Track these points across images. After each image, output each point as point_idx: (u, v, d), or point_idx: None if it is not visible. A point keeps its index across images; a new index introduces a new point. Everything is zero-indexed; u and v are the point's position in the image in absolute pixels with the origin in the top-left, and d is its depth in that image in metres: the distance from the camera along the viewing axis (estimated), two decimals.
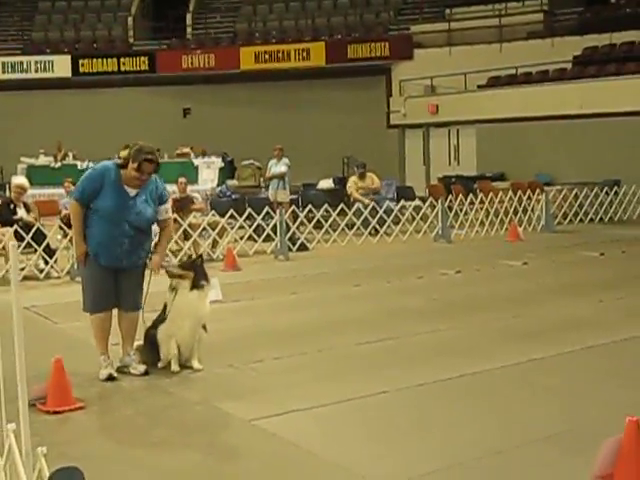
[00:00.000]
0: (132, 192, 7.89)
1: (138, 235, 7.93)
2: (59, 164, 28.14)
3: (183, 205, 16.98)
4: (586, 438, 5.88)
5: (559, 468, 5.49)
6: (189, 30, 38.23)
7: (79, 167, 26.96)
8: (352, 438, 6.25)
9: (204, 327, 8.24)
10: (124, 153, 24.86)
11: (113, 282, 8.00)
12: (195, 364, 8.10)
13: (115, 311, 8.16)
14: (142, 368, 8.05)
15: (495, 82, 30.02)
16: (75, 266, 14.55)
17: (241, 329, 10.04)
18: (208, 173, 26.25)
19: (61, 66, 35.13)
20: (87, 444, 6.00)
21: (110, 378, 7.85)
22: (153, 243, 8.32)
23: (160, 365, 8.20)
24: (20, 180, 16.17)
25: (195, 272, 8.11)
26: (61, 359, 6.89)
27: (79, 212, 7.87)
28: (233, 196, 21.67)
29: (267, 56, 34.14)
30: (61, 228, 15.79)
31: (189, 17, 38.18)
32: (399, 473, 5.50)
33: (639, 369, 8.01)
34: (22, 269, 14.05)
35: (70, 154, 29.19)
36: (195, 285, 8.06)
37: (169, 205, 8.43)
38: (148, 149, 7.85)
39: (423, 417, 6.71)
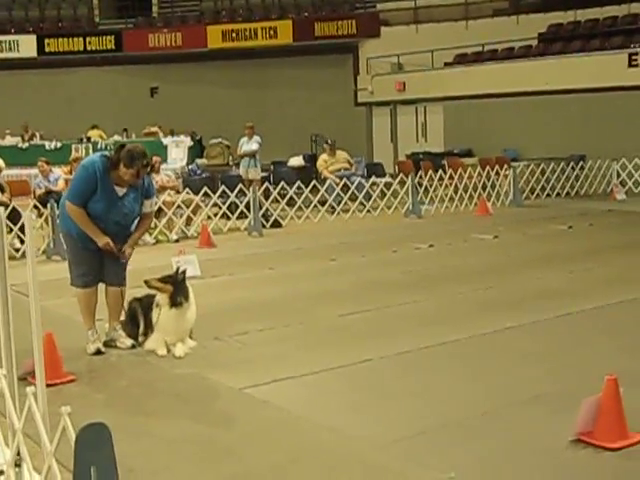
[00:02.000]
0: (121, 191, 7.98)
1: (122, 230, 8.14)
2: (26, 144, 28.04)
3: None
4: (567, 399, 6.14)
5: (543, 426, 5.74)
6: (155, 9, 38.07)
7: (47, 147, 26.90)
8: (340, 403, 6.47)
9: (190, 334, 8.23)
10: (92, 133, 24.78)
11: (99, 259, 8.12)
12: (177, 351, 7.91)
13: (102, 286, 8.28)
14: (129, 342, 8.17)
15: (461, 59, 30.26)
16: (51, 245, 14.70)
17: (223, 303, 10.21)
18: (177, 152, 26.24)
19: (26, 46, 34.89)
20: (84, 414, 6.12)
21: (98, 352, 8.00)
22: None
23: (140, 340, 8.28)
24: None
25: (174, 287, 8.00)
26: (51, 334, 7.01)
27: (83, 213, 7.88)
28: (203, 174, 21.74)
29: (234, 34, 34.12)
30: (36, 207, 15.85)
31: None
32: (386, 435, 5.71)
33: (612, 334, 8.29)
34: None
35: (37, 134, 29.13)
36: (174, 302, 7.97)
37: (154, 199, 8.59)
38: (140, 152, 7.88)
39: (407, 383, 6.93)
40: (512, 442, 5.50)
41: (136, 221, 8.33)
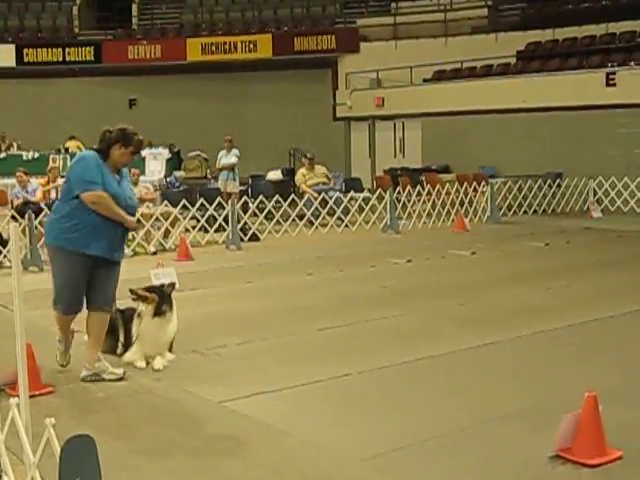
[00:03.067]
0: (117, 177, 7.72)
1: (132, 215, 7.81)
2: (4, 154, 27.91)
3: None
4: (545, 415, 6.19)
5: (522, 442, 5.77)
6: (135, 20, 38.02)
7: (24, 157, 26.77)
8: (319, 418, 6.49)
9: (170, 346, 8.18)
10: (70, 143, 24.65)
11: (86, 278, 7.61)
12: (156, 364, 7.88)
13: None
14: (119, 371, 7.64)
15: (440, 76, 30.38)
16: (28, 256, 14.63)
17: (201, 316, 10.20)
18: (155, 164, 26.16)
19: (5, 55, 34.65)
20: (61, 425, 6.13)
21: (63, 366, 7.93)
22: None
23: (118, 352, 8.26)
24: None
25: (160, 298, 7.97)
26: (30, 344, 6.97)
27: (107, 196, 7.48)
28: (181, 187, 21.72)
29: (214, 47, 34.10)
30: (13, 218, 15.77)
31: (135, 7, 37.99)
32: (366, 449, 5.73)
33: (593, 351, 8.35)
34: None
35: (14, 144, 28.99)
36: (157, 312, 7.94)
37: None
38: (132, 129, 7.73)
39: (386, 398, 6.95)
40: (491, 457, 5.53)
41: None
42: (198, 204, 17.98)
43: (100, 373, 7.59)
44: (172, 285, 8.21)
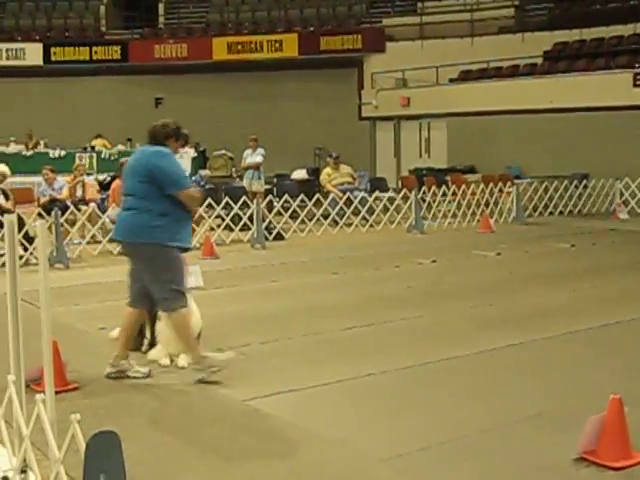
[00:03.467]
0: None
1: None
2: (31, 152, 28.13)
3: None
4: (568, 417, 6.17)
5: (545, 444, 5.75)
6: (161, 20, 38.20)
7: (51, 155, 26.99)
8: (342, 417, 6.49)
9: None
10: (97, 142, 24.83)
11: None
12: (180, 362, 7.90)
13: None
14: (145, 370, 7.66)
15: (466, 76, 30.32)
16: (54, 253, 14.72)
17: (226, 315, 10.23)
18: (181, 163, 26.21)
19: (33, 54, 34.96)
20: (86, 422, 6.17)
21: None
22: None
23: (143, 349, 8.32)
24: (1, 167, 16.22)
25: None
26: (56, 341, 7.01)
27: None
28: (207, 186, 21.78)
29: (240, 47, 34.19)
30: (40, 215, 15.87)
31: (161, 7, 38.17)
32: (388, 449, 5.73)
33: (615, 354, 8.31)
34: (0, 256, 14.13)
35: (41, 142, 29.20)
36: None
37: None
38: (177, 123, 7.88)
39: (409, 398, 6.95)
40: (514, 459, 5.51)
41: None
42: (223, 203, 18.03)
43: (125, 371, 7.60)
44: None
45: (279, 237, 17.99)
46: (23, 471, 4.36)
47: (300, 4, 36.96)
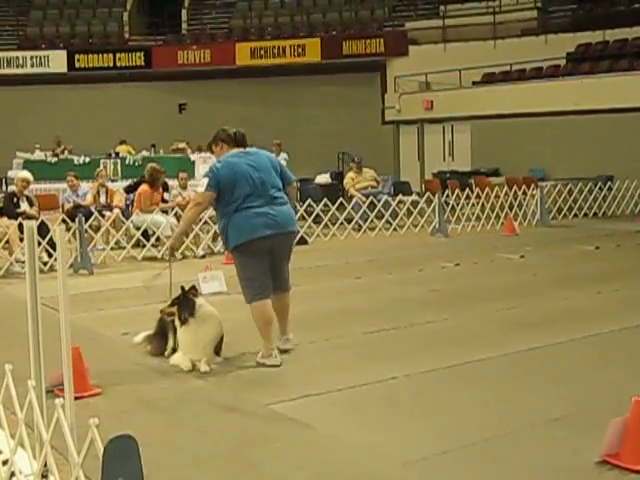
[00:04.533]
0: None
1: None
2: (55, 159, 28.24)
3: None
4: (591, 420, 6.13)
5: (568, 447, 5.71)
6: (184, 26, 38.40)
7: (75, 162, 27.07)
8: (365, 421, 6.47)
9: (218, 349, 8.22)
10: (121, 148, 25.03)
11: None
12: (202, 367, 7.93)
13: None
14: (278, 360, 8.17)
15: (489, 79, 30.27)
16: (79, 259, 14.79)
17: (248, 319, 10.17)
18: (205, 168, 26.22)
19: (57, 61, 35.23)
20: (110, 427, 6.18)
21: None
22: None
23: (166, 354, 8.35)
24: (25, 174, 16.32)
25: (179, 307, 7.98)
26: (78, 347, 7.06)
27: None
28: None
29: (263, 52, 34.30)
30: (64, 221, 15.95)
31: (184, 13, 38.35)
32: (411, 453, 5.71)
33: (638, 357, 8.24)
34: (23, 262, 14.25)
35: (67, 149, 29.33)
36: (181, 321, 7.99)
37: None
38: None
39: (432, 401, 6.94)
40: (536, 463, 5.48)
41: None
42: None
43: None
44: (190, 287, 8.19)
45: (302, 241, 17.95)
46: (44, 476, 4.39)
47: (323, 9, 37.03)
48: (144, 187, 17.05)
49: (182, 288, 8.12)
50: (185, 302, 8.02)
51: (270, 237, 8.11)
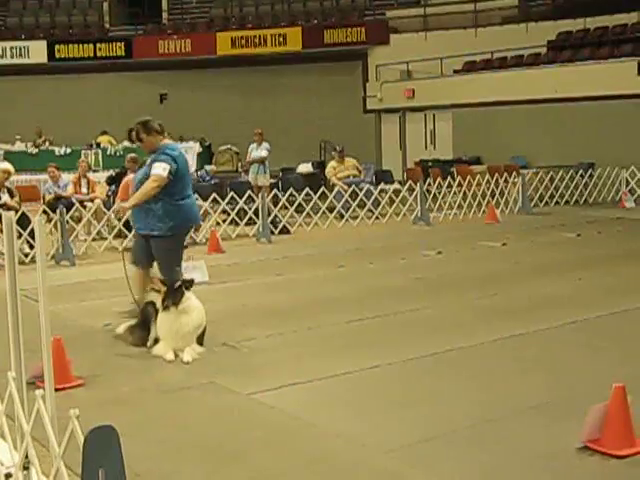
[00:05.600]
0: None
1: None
2: (36, 150, 28.11)
3: None
4: (572, 407, 6.16)
5: (550, 433, 5.74)
6: (165, 16, 38.20)
7: (56, 153, 26.96)
8: (347, 410, 6.48)
9: (200, 339, 8.22)
10: (102, 138, 24.91)
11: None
12: (185, 357, 7.93)
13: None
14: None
15: (471, 67, 30.25)
16: (60, 250, 14.74)
17: (230, 308, 10.24)
18: (186, 158, 26.21)
19: (37, 52, 34.98)
20: (92, 418, 6.16)
21: None
22: None
23: (148, 344, 8.32)
24: (6, 165, 16.23)
25: (167, 290, 8.03)
26: (60, 338, 7.03)
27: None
28: (212, 181, 21.79)
29: (243, 41, 34.17)
30: (45, 213, 15.87)
31: (165, 2, 38.15)
32: (393, 441, 5.73)
33: (620, 343, 8.29)
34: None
35: (48, 141, 29.19)
36: (163, 305, 8.01)
37: (158, 164, 8.85)
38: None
39: (415, 389, 6.95)
40: (519, 449, 5.51)
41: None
42: (229, 197, 18.04)
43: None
44: (188, 281, 8.23)
45: (285, 231, 17.99)
46: (25, 467, 4.37)
47: None
48: (130, 177, 16.96)
49: (182, 280, 8.24)
50: (174, 291, 8.04)
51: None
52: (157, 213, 8.82)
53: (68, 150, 27.23)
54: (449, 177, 21.35)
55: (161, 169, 8.70)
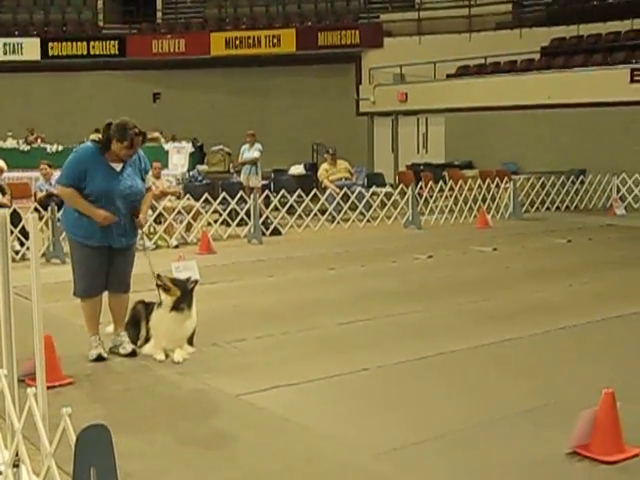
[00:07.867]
0: (118, 167, 7.92)
1: (130, 204, 8.03)
2: (28, 147, 28.05)
3: None
4: (562, 412, 6.18)
5: (539, 438, 5.76)
6: (159, 15, 38.18)
7: (48, 150, 26.90)
8: (337, 412, 6.49)
9: (191, 339, 8.23)
10: (94, 136, 24.91)
11: (105, 264, 7.99)
12: (175, 357, 7.94)
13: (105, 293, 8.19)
14: (130, 347, 8.09)
15: (464, 71, 30.29)
16: (51, 248, 14.73)
17: (221, 309, 10.23)
18: (178, 158, 26.27)
19: (30, 49, 34.89)
20: (82, 417, 6.16)
21: (99, 358, 7.93)
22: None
23: (139, 344, 8.30)
24: None
25: (182, 293, 8.02)
26: (50, 336, 7.01)
27: (73, 192, 7.81)
28: (204, 181, 21.79)
29: (238, 42, 34.17)
30: (36, 210, 15.84)
31: (159, 2, 38.11)
32: (382, 443, 5.73)
33: (609, 349, 8.31)
34: None
35: (40, 138, 29.13)
36: (175, 307, 7.98)
37: (150, 173, 8.65)
38: (131, 124, 7.86)
39: (404, 392, 6.96)
40: (507, 453, 5.52)
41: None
42: (220, 198, 18.04)
43: (118, 345, 8.19)
44: (195, 282, 8.22)
45: (276, 232, 17.99)
46: (16, 465, 4.36)
47: (298, 0, 36.92)
48: None
49: (189, 278, 8.24)
50: (189, 295, 8.06)
51: None
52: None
53: (60, 148, 27.16)
54: (441, 181, 21.39)
55: (150, 182, 8.56)
